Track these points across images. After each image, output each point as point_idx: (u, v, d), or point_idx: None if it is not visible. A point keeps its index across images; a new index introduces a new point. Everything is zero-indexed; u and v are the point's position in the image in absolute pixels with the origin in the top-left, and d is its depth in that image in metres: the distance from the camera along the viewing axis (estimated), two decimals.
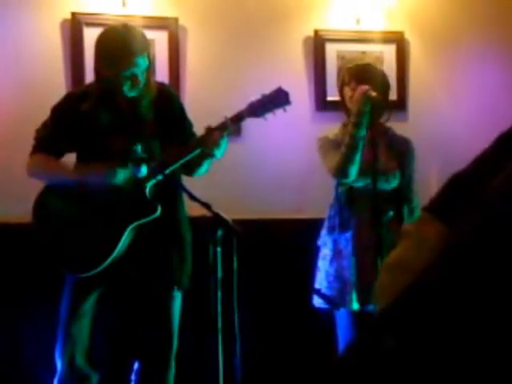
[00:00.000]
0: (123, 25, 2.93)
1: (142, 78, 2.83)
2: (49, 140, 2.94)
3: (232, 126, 2.85)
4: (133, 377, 3.00)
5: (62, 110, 2.95)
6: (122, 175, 2.82)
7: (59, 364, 2.95)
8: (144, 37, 2.87)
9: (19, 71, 3.82)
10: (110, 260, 2.81)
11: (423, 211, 1.13)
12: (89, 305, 2.92)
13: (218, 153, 2.88)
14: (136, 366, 3.00)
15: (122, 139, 2.85)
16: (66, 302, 2.94)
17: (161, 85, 3.06)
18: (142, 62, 2.81)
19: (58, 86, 3.66)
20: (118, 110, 2.90)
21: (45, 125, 2.97)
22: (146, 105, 2.90)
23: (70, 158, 3.00)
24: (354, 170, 3.09)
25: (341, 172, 3.11)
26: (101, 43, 2.85)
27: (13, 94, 3.79)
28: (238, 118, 2.86)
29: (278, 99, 2.86)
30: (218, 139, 2.81)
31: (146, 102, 2.90)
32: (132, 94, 2.86)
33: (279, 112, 2.91)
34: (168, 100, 3.00)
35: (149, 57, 2.87)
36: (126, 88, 2.83)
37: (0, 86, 3.80)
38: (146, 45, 2.88)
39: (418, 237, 1.11)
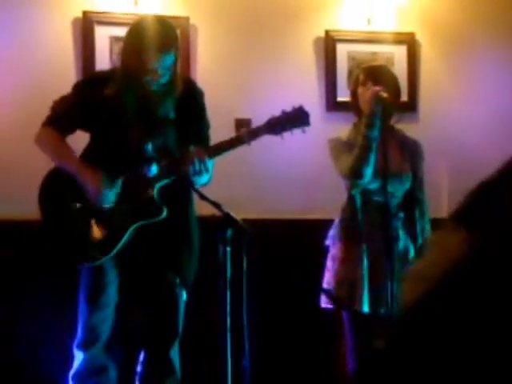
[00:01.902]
0: (154, 19, 2.95)
1: (164, 74, 2.83)
2: (63, 117, 2.95)
3: (248, 140, 2.82)
4: (138, 368, 3.01)
5: (81, 89, 2.98)
6: (111, 197, 2.84)
7: (79, 356, 2.95)
8: (171, 34, 2.87)
9: (31, 69, 3.82)
10: (111, 255, 2.83)
11: (448, 220, 1.12)
12: (110, 295, 2.92)
13: (197, 180, 2.86)
14: (141, 357, 3.00)
15: (138, 131, 2.85)
16: (83, 294, 2.95)
17: (188, 80, 3.06)
18: (164, 60, 2.81)
19: (69, 84, 3.64)
20: (139, 100, 2.89)
21: (63, 100, 2.98)
22: (170, 102, 2.90)
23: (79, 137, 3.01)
24: (368, 171, 3.07)
25: (355, 173, 3.09)
26: (129, 33, 2.89)
27: (24, 91, 3.80)
28: (255, 134, 2.83)
29: (298, 119, 2.82)
30: (195, 161, 2.76)
31: (170, 100, 2.90)
32: (155, 86, 2.86)
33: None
34: (192, 97, 2.99)
35: (176, 54, 2.85)
36: (148, 81, 2.84)
37: (12, 83, 3.81)
38: (172, 42, 2.85)
39: (442, 246, 1.10)
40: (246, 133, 2.81)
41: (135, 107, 2.89)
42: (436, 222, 3.51)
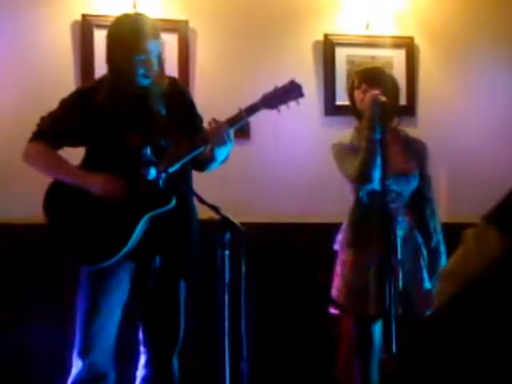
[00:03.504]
0: (135, 12, 2.99)
1: (155, 64, 2.83)
2: (52, 130, 2.91)
3: (246, 117, 2.84)
4: (140, 372, 2.99)
5: (71, 102, 2.93)
6: (120, 195, 2.82)
7: (78, 364, 2.90)
8: (156, 24, 2.92)
9: (29, 72, 3.83)
10: (124, 251, 2.80)
11: (482, 220, 1.11)
12: (112, 301, 2.89)
13: (220, 153, 2.87)
14: (143, 361, 2.98)
15: (137, 134, 2.83)
16: (83, 299, 2.90)
17: (171, 79, 3.06)
18: (155, 47, 2.83)
19: (67, 87, 3.64)
20: (131, 102, 2.87)
21: (51, 114, 2.94)
22: (157, 96, 2.88)
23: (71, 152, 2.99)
24: (377, 174, 3.04)
25: (364, 177, 3.07)
26: (114, 29, 2.87)
27: (22, 94, 3.80)
28: (252, 110, 2.85)
29: (291, 92, 2.86)
30: (222, 131, 2.79)
31: (156, 92, 2.88)
32: (145, 82, 2.84)
33: (288, 115, 2.90)
34: (179, 94, 3.00)
35: (161, 45, 2.89)
36: (139, 74, 2.81)
37: (10, 86, 3.81)
38: (158, 32, 2.89)
39: (477, 246, 1.09)
40: (243, 110, 2.83)
41: (129, 110, 2.87)
42: None
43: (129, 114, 2.87)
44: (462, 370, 0.91)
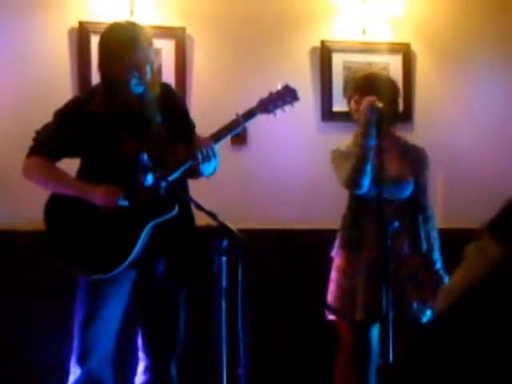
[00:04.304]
0: (127, 20, 3.00)
1: (148, 72, 2.82)
2: (49, 143, 2.90)
3: (243, 123, 2.86)
4: (140, 378, 2.98)
5: (65, 114, 2.92)
6: (124, 203, 2.82)
7: (76, 371, 2.89)
8: (148, 31, 2.91)
9: (26, 78, 3.83)
10: (129, 260, 2.81)
11: (483, 231, 1.12)
12: (110, 309, 2.88)
13: (206, 168, 2.87)
14: (143, 367, 2.98)
15: (132, 141, 2.84)
16: (81, 307, 2.90)
17: (164, 84, 3.06)
18: (147, 55, 2.82)
19: (64, 94, 3.66)
20: (126, 110, 2.86)
21: (46, 127, 2.93)
22: (150, 101, 2.87)
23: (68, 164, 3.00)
24: (366, 181, 3.06)
25: (353, 183, 3.09)
26: (107, 36, 2.86)
27: (20, 101, 3.80)
28: (249, 115, 2.88)
29: (286, 96, 2.91)
30: (203, 148, 2.80)
31: (149, 97, 2.86)
32: (138, 89, 2.83)
33: (285, 121, 2.92)
34: (173, 100, 3.00)
35: (153, 52, 2.88)
36: (132, 82, 2.80)
37: (7, 92, 3.82)
38: (151, 39, 2.88)
39: (478, 258, 1.09)
40: (241, 116, 2.86)
41: (124, 117, 2.86)
42: None
43: (123, 120, 2.87)
44: (463, 375, 0.91)
